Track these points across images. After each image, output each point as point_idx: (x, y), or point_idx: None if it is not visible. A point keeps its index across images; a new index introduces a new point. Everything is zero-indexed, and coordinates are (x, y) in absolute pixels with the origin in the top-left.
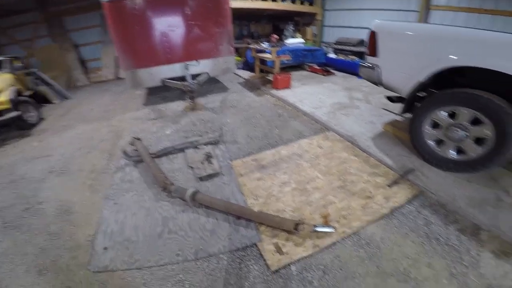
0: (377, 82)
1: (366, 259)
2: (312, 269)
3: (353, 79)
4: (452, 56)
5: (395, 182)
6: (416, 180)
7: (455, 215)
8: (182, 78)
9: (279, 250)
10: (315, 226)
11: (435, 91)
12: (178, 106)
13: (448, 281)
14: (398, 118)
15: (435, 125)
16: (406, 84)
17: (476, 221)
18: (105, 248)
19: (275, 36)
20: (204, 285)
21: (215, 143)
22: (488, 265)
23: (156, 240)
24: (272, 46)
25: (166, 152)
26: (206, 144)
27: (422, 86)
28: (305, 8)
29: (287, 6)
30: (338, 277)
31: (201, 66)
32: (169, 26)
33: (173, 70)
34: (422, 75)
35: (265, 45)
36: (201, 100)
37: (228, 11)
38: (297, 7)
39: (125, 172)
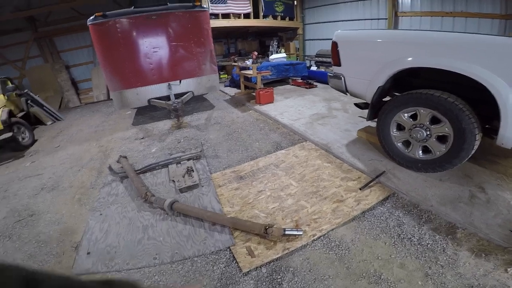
0: (344, 91)
1: (336, 261)
2: (281, 271)
3: (333, 90)
4: (404, 59)
5: (367, 185)
6: (387, 182)
7: (428, 215)
8: (168, 98)
9: (251, 253)
10: (284, 229)
11: (398, 94)
12: (165, 125)
13: (423, 282)
14: (372, 124)
15: (400, 127)
16: (368, 90)
17: (450, 219)
18: (88, 253)
19: (255, 53)
20: (177, 286)
21: (197, 158)
22: (467, 264)
23: (136, 246)
24: (253, 63)
25: (150, 168)
26: (188, 159)
27: (385, 91)
28: (287, 23)
29: (269, 23)
30: (307, 279)
31: (186, 85)
32: (153, 47)
33: (159, 90)
34: (381, 80)
35: (249, 62)
36: (187, 118)
37: (209, 31)
38: (278, 23)
39: (112, 187)
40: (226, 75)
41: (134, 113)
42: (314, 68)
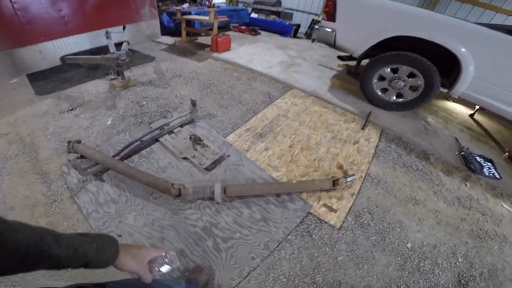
0: (331, 44)
1: (386, 194)
2: (361, 214)
3: (278, 38)
4: (403, 28)
5: (365, 125)
6: (375, 121)
7: (410, 145)
8: (93, 51)
9: (331, 209)
10: (345, 177)
11: (375, 51)
12: (97, 86)
13: (436, 198)
14: (336, 72)
15: (381, 78)
16: (360, 47)
17: (423, 148)
18: None
19: None
20: (295, 270)
21: (190, 122)
22: (447, 182)
23: (219, 256)
24: (208, 7)
25: (134, 150)
26: (181, 126)
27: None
28: None
29: None
30: (380, 213)
31: (118, 34)
32: None
33: (78, 43)
34: (374, 41)
35: (186, 6)
36: (127, 74)
37: None
38: None
39: (91, 192)
40: None
41: (26, 80)
42: (254, 15)
